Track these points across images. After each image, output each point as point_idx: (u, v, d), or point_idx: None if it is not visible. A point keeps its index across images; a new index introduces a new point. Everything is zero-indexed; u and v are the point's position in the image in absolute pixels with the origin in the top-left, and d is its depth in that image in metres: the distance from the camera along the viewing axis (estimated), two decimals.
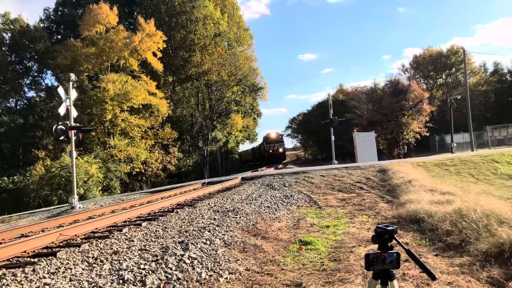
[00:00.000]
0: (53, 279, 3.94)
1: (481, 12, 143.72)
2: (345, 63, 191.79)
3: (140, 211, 8.54)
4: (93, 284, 3.82)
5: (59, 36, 42.30)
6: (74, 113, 14.81)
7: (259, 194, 10.87)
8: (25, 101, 42.06)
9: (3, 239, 6.65)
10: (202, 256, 4.92)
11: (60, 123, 14.55)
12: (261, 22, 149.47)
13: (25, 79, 41.20)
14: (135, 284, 3.88)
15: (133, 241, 5.59)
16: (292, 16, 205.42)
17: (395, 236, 2.13)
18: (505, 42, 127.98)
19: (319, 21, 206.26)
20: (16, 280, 3.90)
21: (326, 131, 36.31)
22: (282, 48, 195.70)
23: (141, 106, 33.66)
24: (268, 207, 9.14)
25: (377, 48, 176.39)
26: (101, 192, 26.18)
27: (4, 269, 4.25)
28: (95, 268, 4.30)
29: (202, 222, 7.00)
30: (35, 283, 3.83)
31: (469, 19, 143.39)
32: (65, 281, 3.89)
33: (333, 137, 29.39)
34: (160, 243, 5.46)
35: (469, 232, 5.37)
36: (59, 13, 43.65)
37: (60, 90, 14.69)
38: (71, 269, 4.28)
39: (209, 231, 6.15)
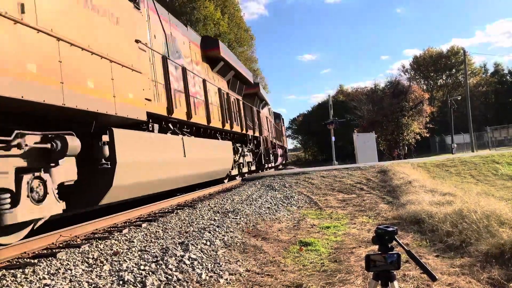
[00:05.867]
0: (53, 280, 3.93)
1: (481, 13, 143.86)
2: (344, 64, 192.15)
3: (140, 212, 8.54)
4: (93, 285, 3.82)
5: None
6: None
7: (259, 195, 10.86)
8: None
9: None
10: (202, 257, 4.92)
11: None
12: (259, 23, 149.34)
13: None
14: (135, 285, 3.87)
15: (133, 242, 5.59)
16: (290, 17, 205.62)
17: (395, 237, 2.13)
18: (505, 42, 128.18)
19: (317, 22, 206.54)
20: (16, 281, 3.90)
21: (326, 132, 36.29)
22: (281, 49, 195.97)
23: None
24: (268, 208, 9.13)
25: (375, 48, 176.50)
26: None
27: (4, 270, 4.24)
28: (95, 269, 4.30)
29: (202, 223, 7.00)
30: (35, 284, 3.82)
31: (469, 19, 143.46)
32: (65, 282, 3.89)
33: (333, 138, 29.41)
34: (160, 244, 5.46)
35: (470, 233, 5.37)
36: None
37: None
38: (71, 270, 4.27)
39: (209, 232, 6.15)
